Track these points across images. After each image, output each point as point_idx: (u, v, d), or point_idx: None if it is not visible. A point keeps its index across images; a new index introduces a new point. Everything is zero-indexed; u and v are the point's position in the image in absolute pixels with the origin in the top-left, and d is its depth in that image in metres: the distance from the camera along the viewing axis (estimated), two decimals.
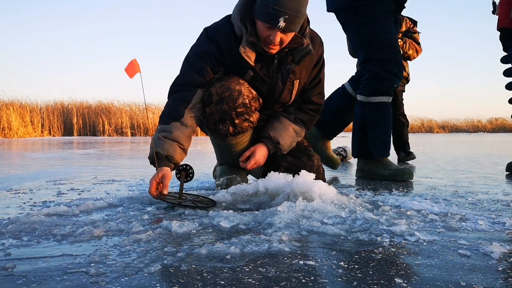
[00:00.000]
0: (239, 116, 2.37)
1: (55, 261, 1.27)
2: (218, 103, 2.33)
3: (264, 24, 2.16)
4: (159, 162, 2.22)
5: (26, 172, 4.01)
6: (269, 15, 2.11)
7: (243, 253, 1.36)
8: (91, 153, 7.27)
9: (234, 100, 2.32)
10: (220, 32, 2.34)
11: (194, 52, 2.39)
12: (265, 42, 2.23)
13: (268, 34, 2.18)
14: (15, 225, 1.68)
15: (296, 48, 2.34)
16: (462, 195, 2.58)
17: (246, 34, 2.25)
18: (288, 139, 2.52)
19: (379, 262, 1.29)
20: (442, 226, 1.75)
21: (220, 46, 2.32)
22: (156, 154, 2.21)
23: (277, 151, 2.52)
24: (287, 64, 2.37)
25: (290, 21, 2.12)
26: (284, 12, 2.08)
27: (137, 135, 20.32)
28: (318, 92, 2.61)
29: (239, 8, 2.29)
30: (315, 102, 2.62)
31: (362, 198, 2.40)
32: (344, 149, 5.67)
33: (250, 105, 2.38)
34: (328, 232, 1.63)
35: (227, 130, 2.40)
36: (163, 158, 2.22)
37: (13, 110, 17.26)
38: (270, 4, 2.09)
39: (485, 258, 1.33)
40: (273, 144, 2.48)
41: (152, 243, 1.47)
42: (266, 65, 2.36)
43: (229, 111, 2.34)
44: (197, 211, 2.04)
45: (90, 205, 2.12)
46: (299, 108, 2.61)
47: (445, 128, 32.33)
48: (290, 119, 2.55)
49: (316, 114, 2.66)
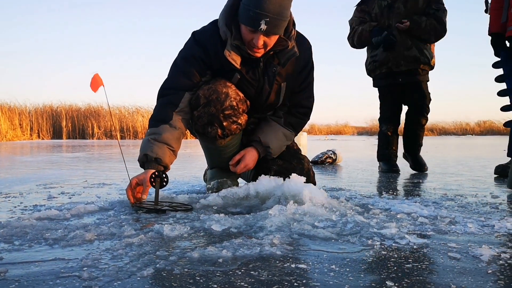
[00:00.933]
0: (227, 118, 2.38)
1: (47, 265, 1.27)
2: (205, 106, 2.34)
3: (247, 28, 2.17)
4: (148, 164, 2.23)
5: (15, 175, 3.98)
6: (250, 18, 2.11)
7: (235, 257, 1.37)
8: (81, 156, 7.23)
9: (221, 103, 2.33)
10: (207, 35, 2.35)
11: (182, 56, 2.40)
12: (249, 45, 2.23)
13: (251, 37, 2.19)
14: (7, 229, 1.67)
15: (281, 51, 2.34)
16: (451, 198, 2.61)
17: (230, 37, 2.26)
18: (278, 142, 2.53)
19: (370, 265, 1.30)
20: (432, 229, 1.77)
21: (207, 50, 2.33)
22: (146, 156, 2.22)
23: (267, 155, 2.53)
24: (273, 67, 2.38)
25: (272, 24, 2.12)
26: (265, 15, 2.08)
27: (126, 138, 20.24)
28: (308, 96, 2.62)
29: (225, 11, 2.29)
30: (304, 105, 2.63)
31: (352, 201, 2.42)
32: (334, 152, 5.69)
33: (237, 107, 2.39)
34: (319, 236, 1.64)
35: (216, 132, 2.41)
36: (152, 160, 2.23)
37: (1, 113, 17.13)
38: (251, 7, 2.10)
39: (474, 261, 1.35)
40: (263, 147, 2.50)
41: (144, 247, 1.47)
42: (252, 68, 2.37)
43: (216, 114, 2.35)
44: (188, 215, 2.04)
45: (81, 209, 2.12)
46: (289, 111, 2.61)
47: (434, 131, 32.55)
48: (280, 123, 2.56)
49: (306, 118, 2.67)
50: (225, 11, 2.28)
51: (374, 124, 32.92)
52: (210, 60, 2.35)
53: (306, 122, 2.70)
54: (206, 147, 2.64)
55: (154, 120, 2.32)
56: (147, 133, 2.31)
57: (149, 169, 2.22)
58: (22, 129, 18.17)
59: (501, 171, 4.00)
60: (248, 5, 2.11)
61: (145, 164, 2.26)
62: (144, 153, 2.24)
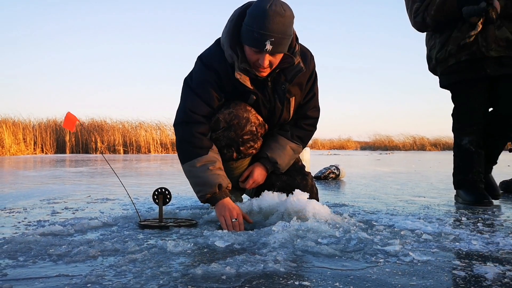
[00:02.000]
0: (245, 143, 2.39)
1: (51, 282, 1.27)
2: (225, 130, 2.34)
3: (251, 49, 2.15)
4: (220, 194, 2.22)
5: (19, 190, 3.99)
6: (255, 39, 2.10)
7: (239, 273, 1.36)
8: (84, 171, 7.24)
9: (241, 128, 2.34)
10: (216, 59, 2.31)
11: (197, 82, 2.34)
12: (254, 66, 2.21)
13: (257, 58, 2.17)
14: (11, 245, 1.68)
15: (287, 68, 2.33)
16: (455, 215, 2.60)
17: (237, 61, 2.23)
18: (286, 157, 2.52)
19: (374, 282, 1.30)
20: (436, 246, 1.76)
21: (219, 73, 2.30)
22: (219, 186, 2.21)
23: (275, 170, 2.52)
24: (282, 84, 2.36)
25: (277, 43, 2.10)
26: (269, 35, 2.07)
27: (129, 152, 20.28)
28: (313, 106, 2.60)
29: (227, 33, 2.26)
30: (310, 116, 2.60)
31: (356, 218, 2.41)
32: (337, 167, 5.69)
33: (256, 132, 2.40)
34: (322, 252, 1.64)
35: (231, 155, 2.41)
36: (222, 190, 2.23)
37: (5, 127, 17.20)
38: (255, 28, 2.08)
39: (479, 279, 1.34)
40: (270, 163, 2.49)
41: (148, 263, 1.47)
42: (262, 89, 2.36)
43: (236, 138, 2.36)
44: (191, 231, 2.05)
45: (85, 225, 2.12)
46: (295, 124, 2.59)
47: (437, 146, 32.45)
48: (287, 137, 2.54)
49: (313, 128, 2.66)
50: (228, 33, 2.25)
51: (377, 139, 32.94)
52: (223, 83, 2.32)
53: (313, 133, 2.68)
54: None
55: (196, 147, 2.26)
56: (196, 161, 2.24)
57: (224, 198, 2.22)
58: (26, 143, 18.23)
59: (505, 187, 3.98)
60: (251, 26, 2.10)
61: (217, 194, 2.22)
62: (218, 183, 2.21)
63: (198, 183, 2.24)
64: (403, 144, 31.74)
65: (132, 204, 3.01)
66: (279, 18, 2.05)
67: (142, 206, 2.91)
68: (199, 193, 2.25)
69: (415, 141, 32.54)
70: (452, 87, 3.39)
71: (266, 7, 2.05)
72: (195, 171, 2.23)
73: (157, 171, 7.23)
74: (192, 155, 2.25)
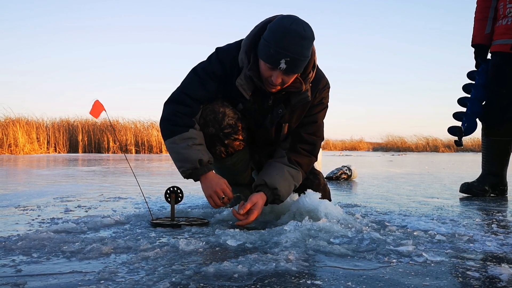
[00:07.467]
0: (227, 136, 2.35)
1: (65, 278, 1.28)
2: (204, 127, 2.32)
3: (266, 64, 2.10)
4: (204, 168, 2.23)
5: (33, 188, 4.03)
6: (271, 56, 2.05)
7: (251, 272, 1.36)
8: (96, 170, 7.29)
9: (219, 122, 2.31)
10: (230, 58, 2.30)
11: (204, 67, 2.34)
12: (266, 81, 2.17)
13: (270, 74, 2.11)
14: (25, 242, 1.69)
15: (293, 92, 2.26)
16: (469, 216, 2.58)
17: (246, 67, 2.20)
18: (284, 182, 2.34)
19: (387, 282, 1.29)
20: (450, 247, 1.75)
21: (226, 69, 2.29)
22: (200, 161, 2.21)
23: (275, 199, 2.33)
24: (279, 108, 2.31)
25: (292, 64, 2.05)
26: (285, 54, 2.02)
27: (141, 152, 20.37)
28: (312, 132, 2.47)
29: (248, 38, 2.23)
30: (307, 140, 2.46)
31: (368, 218, 2.40)
32: (349, 168, 5.67)
33: (235, 125, 2.36)
34: (334, 252, 1.63)
35: (220, 151, 2.39)
36: (203, 164, 2.23)
37: (19, 127, 17.36)
38: (271, 44, 2.04)
39: (494, 280, 1.33)
40: (270, 190, 2.31)
41: (160, 261, 1.47)
42: (259, 102, 2.32)
43: (216, 133, 2.33)
44: (203, 229, 2.05)
45: (98, 223, 2.14)
46: (292, 148, 2.46)
47: (451, 147, 32.19)
48: (284, 162, 2.40)
49: (312, 156, 2.49)
50: (249, 38, 2.22)
51: (390, 140, 32.73)
52: (227, 79, 2.31)
53: (313, 160, 2.52)
54: (215, 166, 2.60)
55: (177, 125, 2.26)
56: (176, 138, 2.24)
57: (205, 173, 2.24)
58: (39, 142, 18.38)
59: (466, 190, 3.84)
60: (268, 41, 2.06)
61: (199, 170, 2.23)
62: (198, 159, 2.21)
63: (179, 159, 2.25)
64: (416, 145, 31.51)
65: (144, 202, 3.03)
66: (298, 38, 2.01)
67: (154, 205, 2.92)
68: (180, 169, 2.26)
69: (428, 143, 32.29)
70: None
71: (287, 25, 2.02)
72: (175, 147, 2.24)
73: (168, 170, 7.26)
74: (173, 132, 2.25)
